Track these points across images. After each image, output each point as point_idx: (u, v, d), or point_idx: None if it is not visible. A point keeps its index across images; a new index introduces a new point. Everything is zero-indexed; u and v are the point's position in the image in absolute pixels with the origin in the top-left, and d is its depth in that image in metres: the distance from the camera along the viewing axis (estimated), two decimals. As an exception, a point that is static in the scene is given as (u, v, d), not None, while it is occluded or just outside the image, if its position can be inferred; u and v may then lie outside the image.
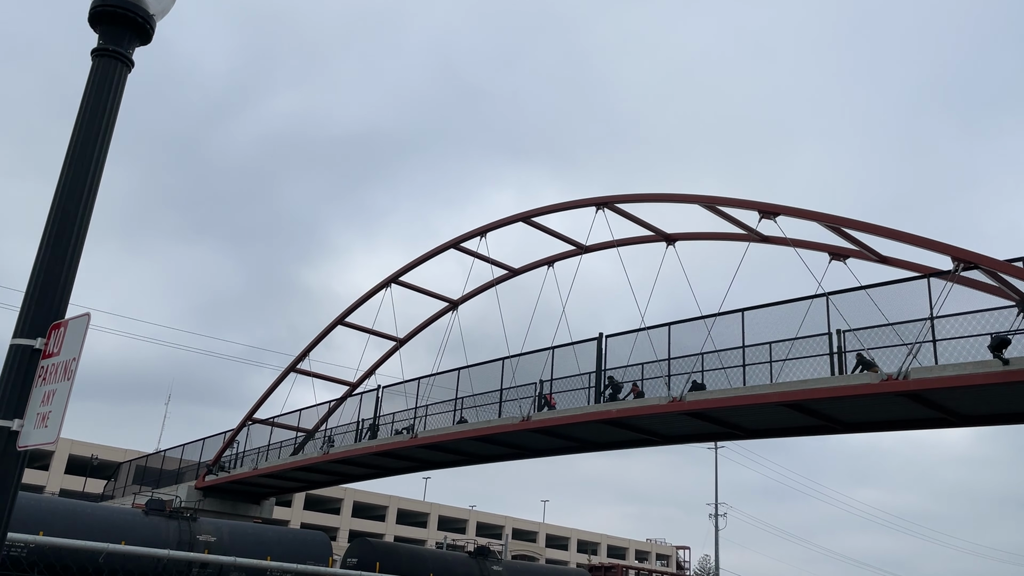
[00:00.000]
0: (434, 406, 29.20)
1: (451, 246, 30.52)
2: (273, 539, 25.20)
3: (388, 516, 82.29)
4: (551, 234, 28.55)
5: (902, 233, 17.90)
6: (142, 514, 23.48)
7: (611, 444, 26.67)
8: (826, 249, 20.60)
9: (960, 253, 16.88)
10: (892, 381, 16.80)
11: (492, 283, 31.38)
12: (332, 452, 31.48)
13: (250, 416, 36.70)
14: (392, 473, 35.32)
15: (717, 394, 20.16)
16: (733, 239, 23.28)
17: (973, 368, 15.90)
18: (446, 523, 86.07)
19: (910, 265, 19.93)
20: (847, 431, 21.36)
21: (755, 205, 20.91)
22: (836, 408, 19.43)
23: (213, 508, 35.42)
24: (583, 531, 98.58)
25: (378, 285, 32.72)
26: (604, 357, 24.27)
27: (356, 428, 32.42)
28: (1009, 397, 17.12)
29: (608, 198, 25.06)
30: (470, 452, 29.83)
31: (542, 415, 24.26)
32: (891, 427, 20.79)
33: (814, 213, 19.76)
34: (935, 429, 20.03)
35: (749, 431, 23.02)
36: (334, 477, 36.72)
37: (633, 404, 21.96)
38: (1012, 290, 17.27)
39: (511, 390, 26.37)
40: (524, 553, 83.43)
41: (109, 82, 4.00)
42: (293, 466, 32.92)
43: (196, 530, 23.65)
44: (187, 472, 39.08)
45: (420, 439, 27.75)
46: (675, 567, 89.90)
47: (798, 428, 21.80)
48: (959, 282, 17.44)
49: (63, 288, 3.88)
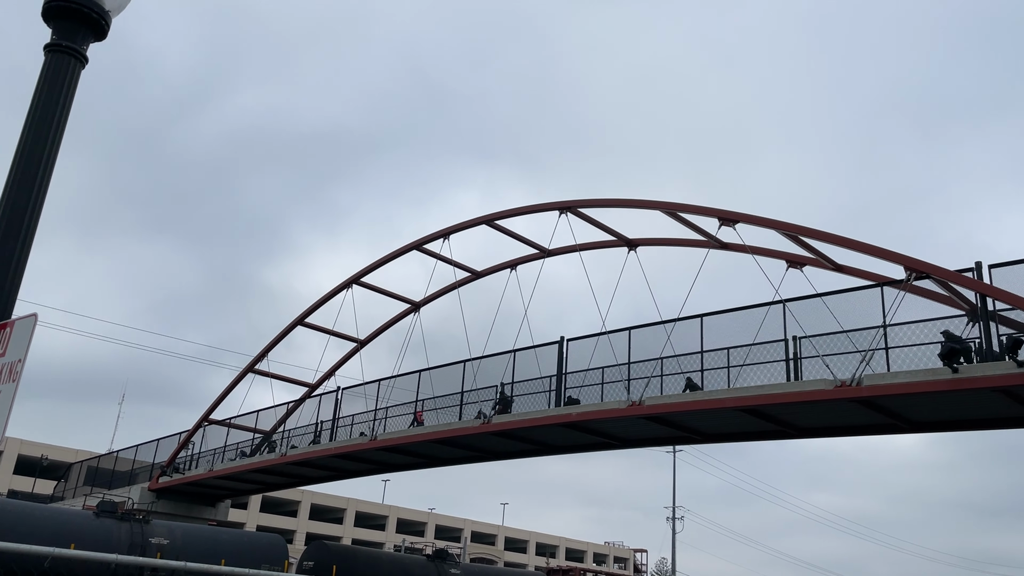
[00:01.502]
0: (394, 408, 29.03)
1: (414, 247, 30.41)
2: (228, 542, 24.83)
3: (346, 519, 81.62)
4: (514, 237, 28.60)
5: (857, 242, 18.27)
6: (93, 516, 22.98)
7: (571, 447, 26.77)
8: (784, 257, 20.92)
9: (912, 263, 17.27)
10: (845, 387, 17.11)
11: (455, 285, 31.32)
12: (290, 454, 31.14)
13: (206, 417, 36.15)
14: (351, 475, 35.04)
15: (675, 398, 20.35)
16: (693, 245, 23.56)
17: (924, 375, 16.27)
18: (405, 526, 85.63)
19: (865, 274, 20.35)
20: (802, 436, 21.72)
21: (715, 212, 21.17)
22: (791, 413, 19.74)
23: (167, 510, 34.83)
24: (542, 534, 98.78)
25: (339, 285, 32.47)
26: (565, 361, 24.37)
27: (315, 430, 32.11)
28: (958, 404, 17.56)
29: (571, 202, 25.19)
30: (429, 454, 29.72)
31: (502, 418, 24.27)
32: (845, 432, 21.18)
33: (772, 221, 20.07)
34: (887, 435, 20.46)
35: (707, 435, 23.28)
36: (291, 479, 36.34)
37: (593, 408, 22.07)
38: (962, 299, 17.72)
39: (472, 392, 26.34)
40: (483, 556, 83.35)
41: (62, 78, 3.91)
42: (249, 468, 32.49)
43: (149, 533, 23.21)
44: (140, 473, 38.37)
45: (379, 441, 27.58)
46: (632, 570, 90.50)
47: (755, 433, 22.11)
48: (911, 291, 17.84)
49: (9, 288, 3.78)
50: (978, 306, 16.83)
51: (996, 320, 16.54)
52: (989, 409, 17.61)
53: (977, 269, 16.78)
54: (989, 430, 19.12)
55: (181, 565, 4.90)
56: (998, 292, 16.19)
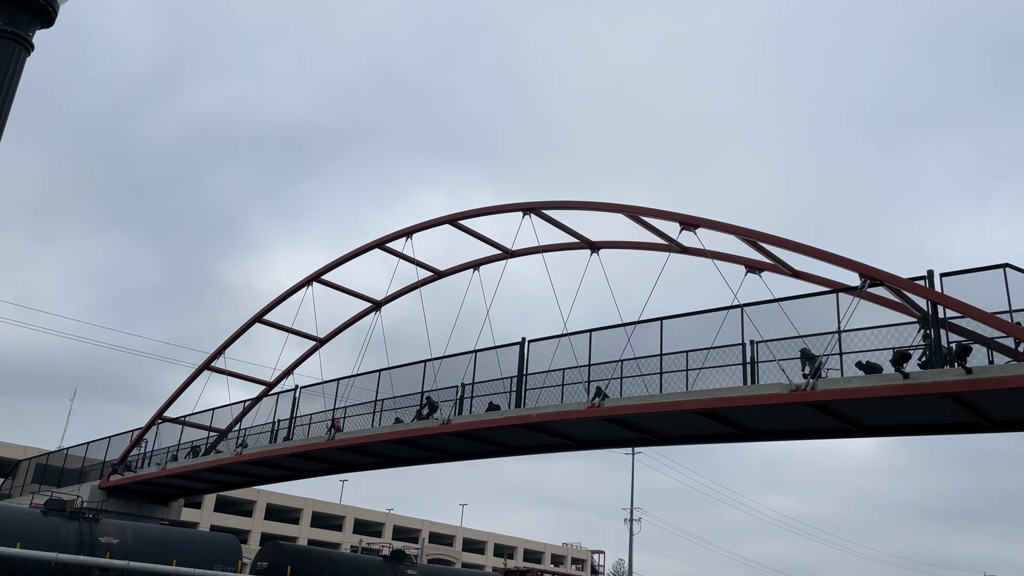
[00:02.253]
0: (353, 408, 28.79)
1: (376, 246, 30.19)
2: (180, 542, 24.42)
3: (302, 519, 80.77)
4: (478, 238, 28.56)
5: (814, 249, 18.56)
6: (40, 514, 22.42)
7: (531, 448, 26.80)
8: (743, 262, 21.17)
9: (867, 270, 17.60)
10: (800, 392, 17.37)
11: (417, 284, 31.17)
12: (246, 453, 30.72)
13: (160, 414, 35.49)
14: (308, 475, 34.67)
15: (634, 400, 20.49)
16: (655, 249, 23.75)
17: (876, 380, 16.58)
18: (362, 526, 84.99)
19: (821, 280, 20.68)
20: (758, 439, 22.00)
21: (677, 217, 21.36)
22: (748, 416, 19.99)
23: (117, 509, 34.12)
24: (500, 535, 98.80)
25: (299, 283, 32.12)
26: (526, 362, 24.39)
27: (271, 429, 31.72)
28: (909, 409, 17.93)
29: (535, 204, 25.23)
30: (388, 455, 29.53)
31: (462, 418, 24.23)
32: (799, 436, 21.51)
33: (732, 227, 20.30)
34: (840, 439, 20.82)
35: (665, 437, 23.47)
36: (247, 479, 35.83)
37: (552, 409, 22.13)
38: (914, 307, 18.11)
39: (432, 392, 26.23)
40: (441, 557, 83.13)
41: (6, 64, 3.80)
42: (204, 467, 31.98)
43: (98, 532, 22.72)
44: (91, 471, 37.54)
45: (337, 441, 27.33)
46: (590, 571, 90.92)
47: (712, 435, 22.33)
48: (866, 298, 18.17)
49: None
50: (929, 313, 17.21)
51: (947, 327, 16.93)
52: (939, 415, 18.01)
53: (929, 277, 17.15)
54: (939, 435, 19.57)
55: (124, 564, 4.79)
56: (949, 300, 16.56)
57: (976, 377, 15.34)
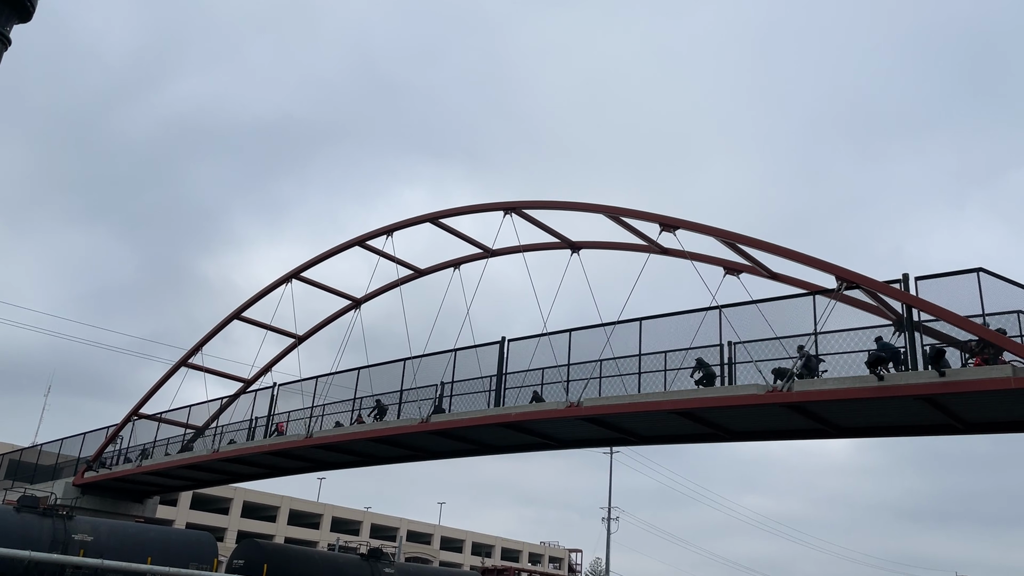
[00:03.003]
0: (332, 406, 28.69)
1: (356, 243, 30.10)
2: (155, 539, 24.23)
3: (279, 517, 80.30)
4: (458, 236, 28.55)
5: (792, 251, 18.74)
6: (13, 511, 22.16)
7: (509, 447, 26.83)
8: (721, 263, 21.33)
9: (843, 273, 17.79)
10: (776, 392, 17.53)
11: (397, 283, 31.11)
12: (223, 450, 30.52)
13: (136, 411, 35.19)
14: (286, 473, 34.51)
15: (613, 400, 20.58)
16: (635, 250, 23.85)
17: (851, 383, 16.76)
18: (340, 524, 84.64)
19: (798, 282, 20.88)
20: (735, 439, 22.16)
21: (656, 218, 21.48)
22: (724, 417, 20.13)
23: (92, 506, 33.80)
24: (478, 533, 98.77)
25: (279, 280, 31.96)
26: (506, 361, 24.42)
27: (249, 426, 31.53)
28: (883, 411, 18.15)
29: (516, 203, 25.26)
30: (367, 453, 29.46)
31: (441, 417, 24.21)
32: (775, 436, 21.69)
33: (711, 228, 20.44)
34: (816, 439, 21.03)
35: (643, 437, 23.58)
36: (224, 476, 35.59)
37: (532, 408, 22.17)
38: (890, 309, 18.32)
39: (411, 391, 26.20)
40: (418, 555, 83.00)
41: (-17, 57, 3.76)
42: (180, 464, 31.74)
43: (72, 529, 22.48)
44: (65, 468, 37.14)
45: (315, 439, 27.23)
46: (567, 570, 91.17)
47: (689, 436, 22.47)
48: (842, 300, 18.37)
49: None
50: (904, 316, 17.42)
51: (921, 331, 17.15)
52: (913, 416, 18.24)
53: (904, 281, 17.37)
54: (913, 436, 19.82)
55: (98, 563, 4.76)
56: (923, 303, 16.78)
57: (949, 380, 15.55)
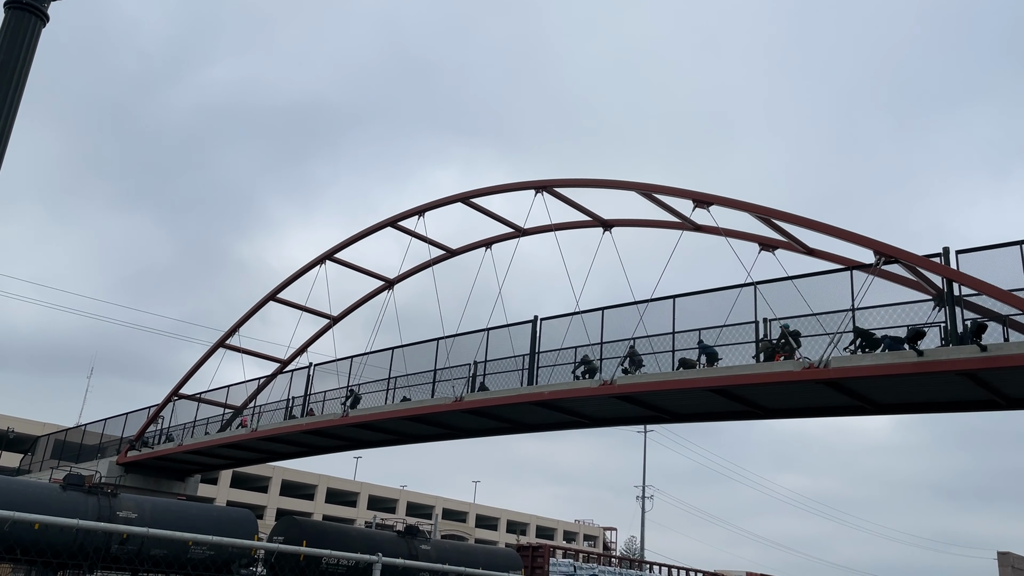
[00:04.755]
0: (367, 385, 28.98)
1: (388, 224, 30.24)
2: (197, 516, 24.73)
3: (317, 495, 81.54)
4: (490, 216, 28.53)
5: (828, 226, 18.45)
6: (59, 489, 22.76)
7: (542, 425, 26.91)
8: (756, 240, 21.08)
9: (882, 247, 17.48)
10: (813, 369, 17.34)
11: (429, 263, 31.24)
12: (260, 429, 31.01)
13: (176, 391, 35.86)
14: (322, 452, 34.98)
15: (646, 378, 20.51)
16: (668, 227, 23.64)
17: (890, 358, 16.52)
18: (376, 503, 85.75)
19: (835, 258, 20.57)
20: (771, 417, 22.00)
21: (690, 194, 21.26)
22: (760, 394, 19.98)
23: (135, 484, 34.56)
24: (513, 512, 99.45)
25: (312, 261, 32.25)
26: (539, 340, 24.44)
27: (286, 406, 31.98)
28: (923, 387, 17.88)
29: (547, 182, 25.16)
30: (402, 432, 29.72)
31: (475, 396, 24.33)
32: (811, 414, 21.48)
33: (746, 204, 20.19)
34: (852, 416, 20.78)
35: (677, 415, 23.50)
36: (262, 455, 36.21)
37: (565, 386, 22.19)
38: (929, 284, 17.98)
39: (445, 370, 26.35)
40: (454, 533, 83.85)
41: (22, 34, 3.82)
42: (219, 443, 32.32)
43: (116, 506, 23.04)
44: (109, 447, 38.02)
45: (351, 418, 27.54)
46: (602, 547, 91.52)
47: (723, 413, 22.34)
48: (880, 275, 18.08)
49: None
50: (945, 291, 17.10)
51: (962, 305, 16.82)
52: (953, 392, 17.96)
53: (945, 255, 17.02)
54: (953, 413, 19.52)
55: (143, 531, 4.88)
56: (964, 277, 16.45)
57: (991, 355, 15.26)
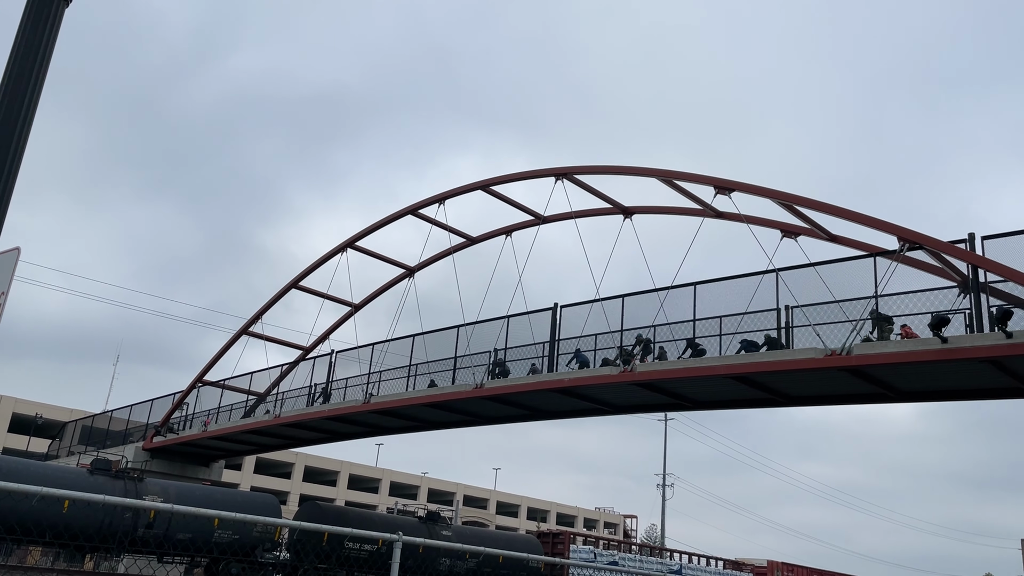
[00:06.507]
0: (388, 372, 29.16)
1: (409, 212, 30.33)
2: (221, 501, 25.09)
3: (339, 481, 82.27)
4: (510, 203, 28.53)
5: (851, 212, 18.27)
6: (87, 473, 23.17)
7: (563, 413, 26.95)
8: (778, 226, 20.92)
9: (906, 233, 17.29)
10: (835, 356, 17.21)
11: (450, 251, 31.31)
12: (284, 415, 31.32)
13: (200, 378, 36.29)
14: (344, 438, 35.28)
15: (667, 365, 20.46)
16: (689, 214, 23.51)
17: (913, 345, 16.36)
18: (398, 489, 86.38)
19: (858, 244, 20.37)
20: (792, 404, 21.88)
21: (711, 181, 21.13)
22: (782, 382, 19.87)
23: (160, 470, 35.09)
24: (533, 499, 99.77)
25: (334, 249, 32.46)
26: (559, 327, 24.45)
27: (308, 392, 32.27)
28: (947, 374, 17.70)
29: (567, 169, 25.09)
30: (423, 418, 29.89)
31: (495, 383, 24.40)
32: (834, 401, 21.34)
33: (767, 190, 20.03)
34: (875, 404, 20.62)
35: (698, 403, 23.44)
36: (285, 441, 36.58)
37: (585, 373, 22.19)
38: (954, 271, 17.77)
39: (466, 357, 26.44)
40: (475, 519, 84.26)
41: (45, 16, 3.88)
42: (243, 429, 32.69)
43: (142, 491, 23.43)
44: (135, 433, 38.59)
45: (373, 404, 27.73)
46: (622, 535, 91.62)
47: (745, 400, 22.26)
48: (904, 262, 17.88)
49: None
50: (970, 277, 16.89)
51: (987, 292, 16.61)
52: (978, 380, 17.75)
53: (970, 241, 16.80)
54: (977, 400, 19.30)
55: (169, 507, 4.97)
56: (990, 264, 16.24)
57: (1017, 342, 15.07)
